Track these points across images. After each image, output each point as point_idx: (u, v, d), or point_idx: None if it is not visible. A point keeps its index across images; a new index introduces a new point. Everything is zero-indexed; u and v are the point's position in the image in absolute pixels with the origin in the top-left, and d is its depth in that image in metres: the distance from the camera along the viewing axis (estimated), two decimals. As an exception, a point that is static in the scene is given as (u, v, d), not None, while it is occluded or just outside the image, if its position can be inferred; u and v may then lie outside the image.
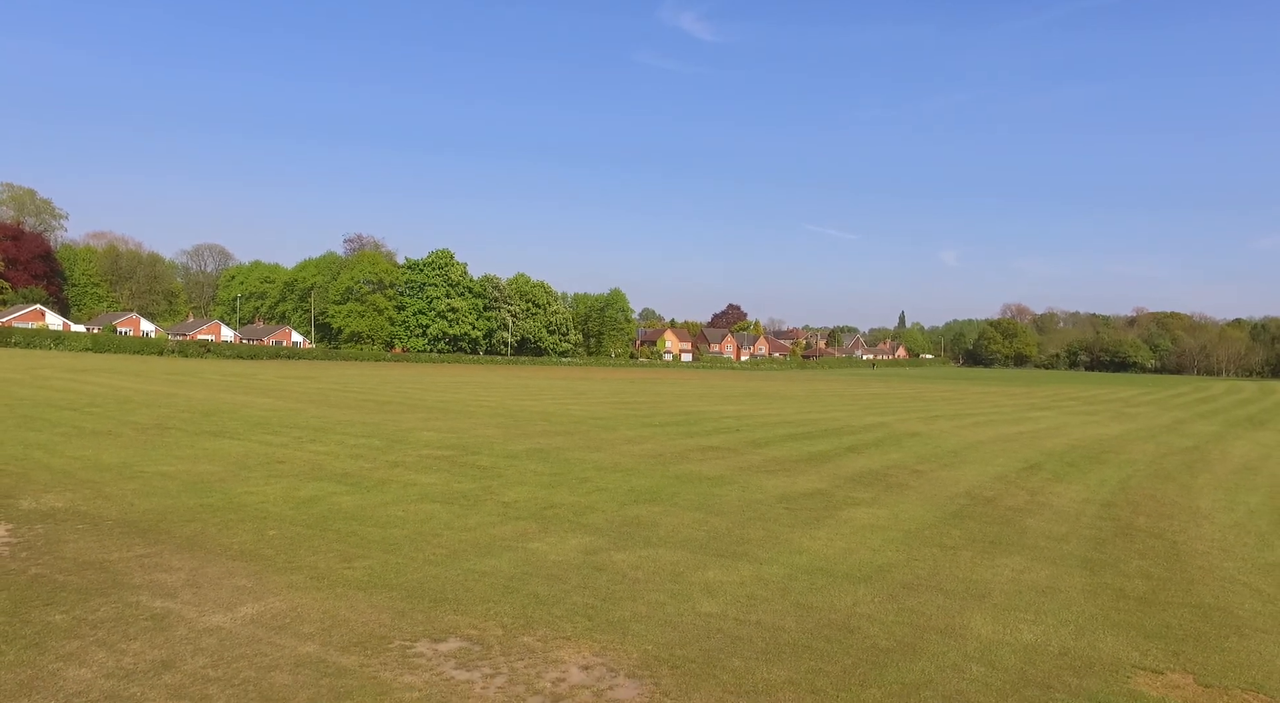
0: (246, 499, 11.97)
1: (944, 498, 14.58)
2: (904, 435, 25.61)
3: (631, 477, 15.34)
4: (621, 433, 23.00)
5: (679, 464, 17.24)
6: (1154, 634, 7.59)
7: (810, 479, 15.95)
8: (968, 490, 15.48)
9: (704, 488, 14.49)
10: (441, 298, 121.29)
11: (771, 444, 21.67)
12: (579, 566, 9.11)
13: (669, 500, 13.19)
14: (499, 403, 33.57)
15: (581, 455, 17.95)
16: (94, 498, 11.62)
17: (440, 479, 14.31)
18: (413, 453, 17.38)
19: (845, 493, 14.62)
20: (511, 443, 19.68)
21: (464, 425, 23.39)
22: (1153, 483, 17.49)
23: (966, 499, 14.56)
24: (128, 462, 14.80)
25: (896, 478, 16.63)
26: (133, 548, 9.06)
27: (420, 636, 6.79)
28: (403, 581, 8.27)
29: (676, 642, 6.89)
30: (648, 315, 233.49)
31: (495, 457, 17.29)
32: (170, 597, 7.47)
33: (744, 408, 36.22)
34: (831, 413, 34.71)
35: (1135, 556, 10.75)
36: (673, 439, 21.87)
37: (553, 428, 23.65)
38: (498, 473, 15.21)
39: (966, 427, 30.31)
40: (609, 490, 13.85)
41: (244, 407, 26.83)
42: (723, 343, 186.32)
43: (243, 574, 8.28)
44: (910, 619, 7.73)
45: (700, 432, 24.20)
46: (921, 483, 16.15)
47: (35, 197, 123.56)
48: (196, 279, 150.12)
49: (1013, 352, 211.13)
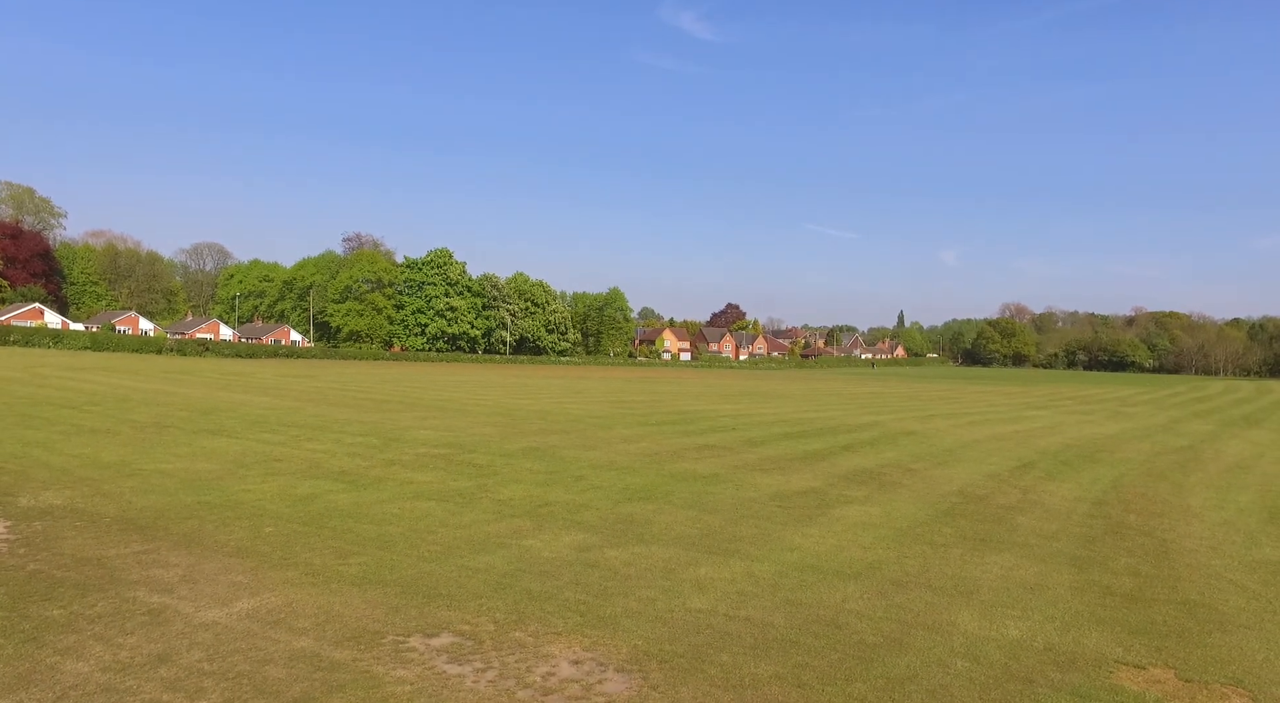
0: (243, 497, 12.07)
1: (936, 496, 14.68)
2: (899, 434, 25.72)
3: (626, 475, 15.44)
4: (618, 431, 23.10)
5: (674, 463, 17.34)
6: (1138, 630, 7.70)
7: (804, 477, 16.05)
8: (960, 489, 15.59)
9: (698, 486, 14.59)
10: (440, 297, 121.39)
11: (767, 443, 21.78)
12: (572, 562, 9.21)
13: (663, 498, 13.30)
14: (496, 402, 33.67)
15: (577, 454, 18.05)
16: (92, 495, 11.71)
17: (436, 477, 14.41)
18: (409, 451, 17.47)
19: (839, 491, 14.73)
20: (508, 442, 19.78)
21: (461, 424, 23.49)
22: (1145, 482, 17.60)
23: (959, 498, 14.67)
24: (126, 459, 14.89)
25: (890, 476, 16.74)
26: (130, 545, 9.15)
27: (413, 631, 6.89)
28: (397, 577, 8.37)
29: (666, 637, 6.99)
30: (646, 314, 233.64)
31: (491, 455, 17.39)
32: (167, 592, 7.57)
33: (741, 407, 36.34)
34: (828, 412, 34.83)
35: (1124, 553, 10.86)
36: (669, 438, 21.98)
37: (549, 427, 23.75)
38: (493, 471, 15.31)
39: (962, 426, 30.43)
40: (603, 488, 13.95)
41: (242, 405, 26.91)
42: (721, 342, 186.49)
43: (239, 570, 8.37)
44: (898, 615, 7.84)
45: (696, 430, 24.30)
46: (915, 481, 16.25)
47: (34, 195, 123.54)
48: (195, 278, 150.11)
49: (1011, 351, 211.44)
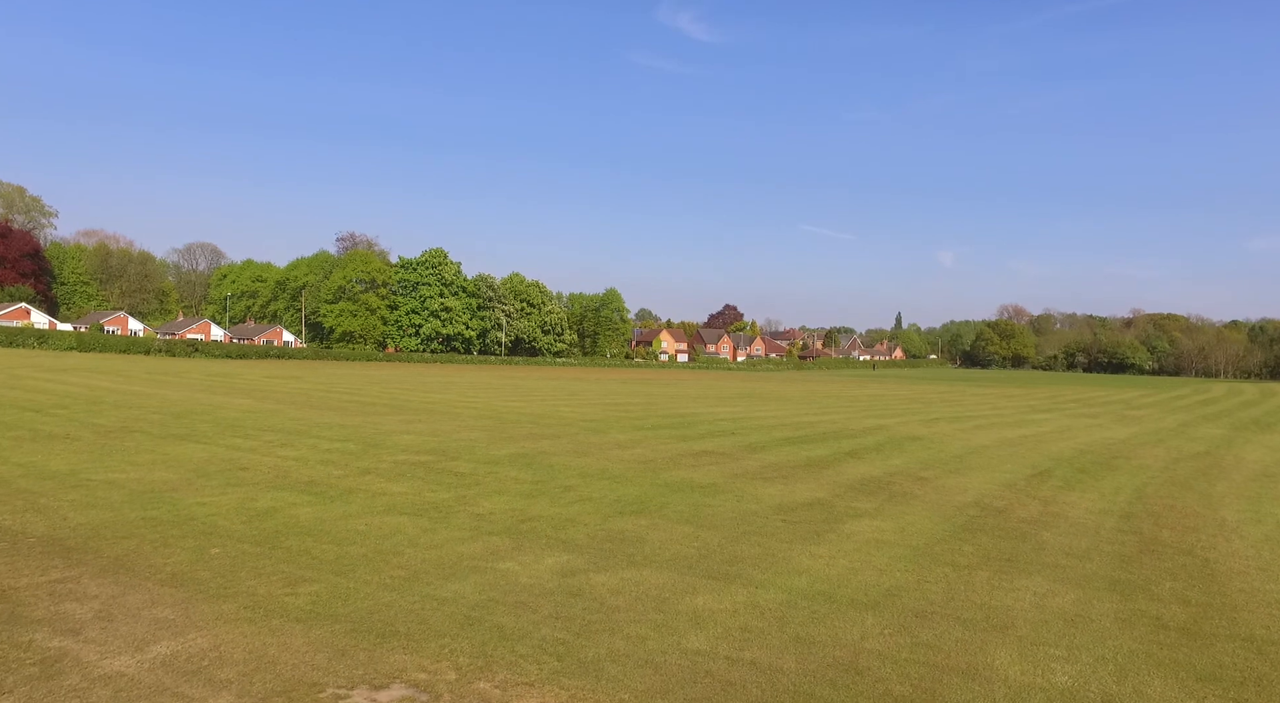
0: (196, 511, 10.97)
1: (952, 508, 13.63)
2: (905, 439, 24.68)
3: (619, 485, 14.38)
4: (612, 436, 22.03)
5: (670, 471, 16.28)
6: (1206, 676, 6.64)
7: (809, 487, 14.99)
8: (976, 500, 14.54)
9: (696, 497, 13.53)
10: (435, 297, 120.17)
11: (768, 449, 20.72)
12: (553, 590, 8.14)
13: (658, 512, 12.23)
14: (487, 404, 32.58)
15: (567, 461, 16.99)
16: (24, 511, 10.60)
17: (412, 488, 13.33)
18: (388, 458, 16.39)
19: (846, 503, 13.67)
20: (494, 447, 18.71)
21: (447, 428, 22.40)
22: (1170, 491, 16.56)
23: (976, 510, 13.62)
24: (76, 469, 13.77)
25: (900, 486, 15.69)
26: (49, 571, 8.05)
27: (359, 681, 5.82)
28: (350, 610, 7.29)
29: (659, 688, 5.93)
30: (644, 316, 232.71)
31: (475, 462, 16.31)
32: (73, 634, 6.47)
33: (739, 410, 35.28)
34: (829, 415, 33.78)
35: (1166, 576, 9.81)
36: (665, 443, 20.91)
37: (540, 431, 22.67)
38: (475, 481, 14.23)
39: (968, 430, 29.39)
40: (593, 500, 12.88)
41: (219, 408, 25.80)
42: (719, 343, 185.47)
43: (167, 603, 7.29)
44: (926, 657, 6.78)
45: (694, 435, 23.24)
46: (927, 491, 15.21)
47: (24, 194, 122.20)
48: (189, 278, 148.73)
49: (1010, 353, 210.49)
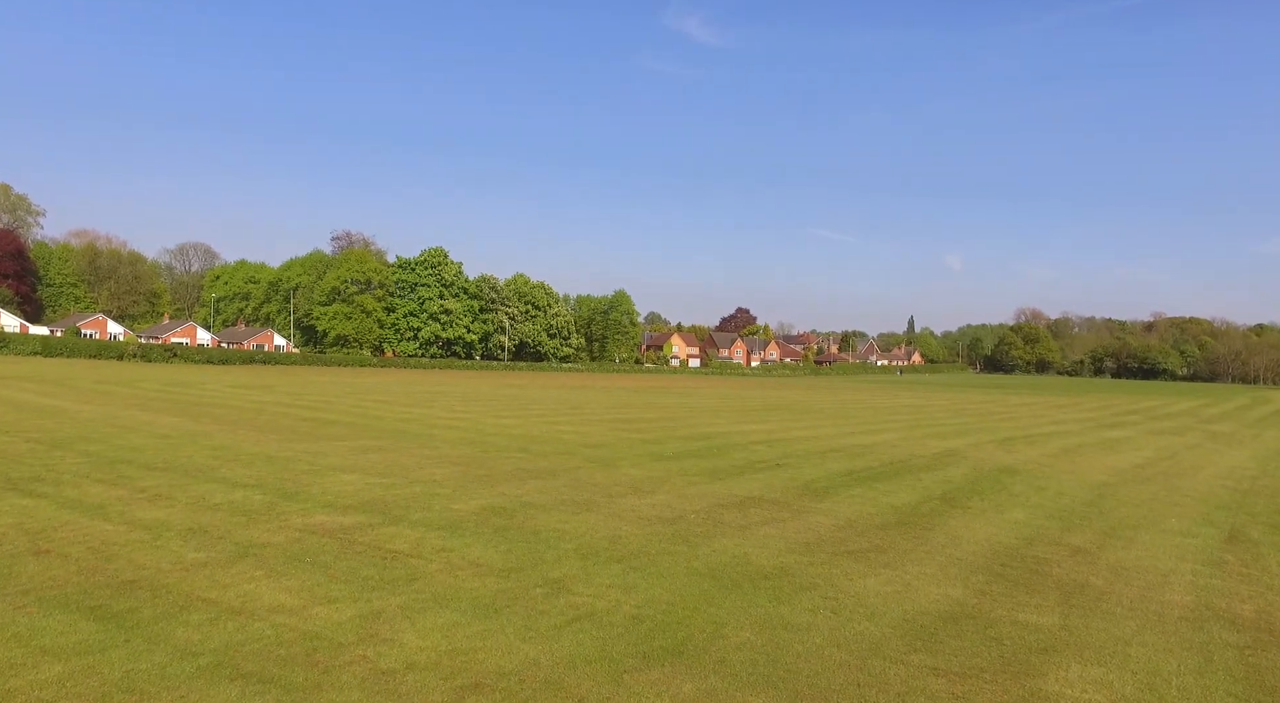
0: None
1: (1180, 621, 8.30)
2: (997, 473, 19.33)
3: (639, 576, 9.10)
4: (624, 471, 16.78)
5: (712, 540, 11.00)
6: None
7: (930, 575, 9.66)
8: (1202, 601, 9.19)
9: (764, 606, 8.23)
10: (434, 299, 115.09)
11: (833, 492, 15.42)
12: None
13: (708, 650, 6.94)
14: (474, 422, 27.35)
15: (561, 523, 11.73)
16: None
17: (297, 594, 8.04)
18: (296, 521, 11.14)
19: (1010, 614, 8.35)
20: (462, 495, 13.47)
21: (408, 462, 17.15)
22: None
23: (1220, 625, 8.29)
24: None
25: (1059, 567, 10.37)
26: None
27: None
28: None
29: None
30: (653, 319, 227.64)
31: (426, 527, 11.07)
32: None
33: (773, 427, 29.94)
34: (881, 435, 28.38)
35: None
36: (694, 483, 15.64)
37: (530, 464, 17.42)
38: (411, 572, 8.95)
39: (1057, 455, 23.99)
40: (598, 620, 7.60)
41: (130, 432, 20.65)
42: (732, 348, 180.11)
43: None
44: None
45: (729, 469, 17.94)
46: (1108, 580, 9.88)
47: (10, 192, 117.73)
48: (181, 279, 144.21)
49: (1034, 357, 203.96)
